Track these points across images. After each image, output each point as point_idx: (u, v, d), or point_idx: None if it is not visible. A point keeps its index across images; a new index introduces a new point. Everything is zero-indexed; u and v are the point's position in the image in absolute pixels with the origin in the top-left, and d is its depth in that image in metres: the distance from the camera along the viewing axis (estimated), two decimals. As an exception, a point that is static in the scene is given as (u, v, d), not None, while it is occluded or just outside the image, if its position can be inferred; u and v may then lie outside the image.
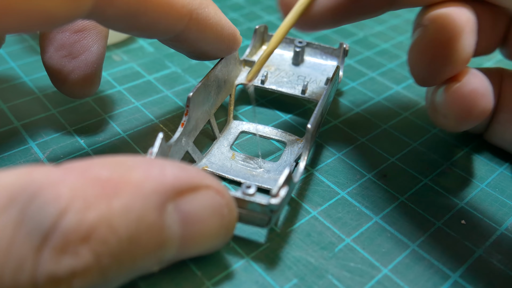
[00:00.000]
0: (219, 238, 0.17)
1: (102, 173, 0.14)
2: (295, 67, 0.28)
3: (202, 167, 0.22)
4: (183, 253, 0.16)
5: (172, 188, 0.15)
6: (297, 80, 0.27)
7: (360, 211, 0.21)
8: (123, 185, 0.14)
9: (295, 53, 0.28)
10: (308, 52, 0.29)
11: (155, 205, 0.14)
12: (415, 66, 0.21)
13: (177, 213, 0.15)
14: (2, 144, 0.23)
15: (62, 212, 0.13)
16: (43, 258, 0.12)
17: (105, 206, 0.13)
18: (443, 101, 0.20)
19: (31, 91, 0.27)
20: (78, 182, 0.13)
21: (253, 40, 0.28)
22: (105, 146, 0.23)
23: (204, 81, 0.22)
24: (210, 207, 0.16)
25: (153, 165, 0.15)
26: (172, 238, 0.15)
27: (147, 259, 0.15)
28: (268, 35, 0.29)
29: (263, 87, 0.26)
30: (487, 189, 0.23)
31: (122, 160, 0.15)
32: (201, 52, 0.23)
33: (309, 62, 0.28)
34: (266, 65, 0.28)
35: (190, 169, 0.16)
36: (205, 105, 0.23)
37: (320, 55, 0.28)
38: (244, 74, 0.27)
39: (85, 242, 0.13)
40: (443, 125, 0.21)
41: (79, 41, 0.22)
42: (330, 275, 0.18)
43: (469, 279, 0.18)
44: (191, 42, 0.21)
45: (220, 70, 0.24)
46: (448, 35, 0.19)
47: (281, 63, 0.28)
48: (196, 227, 0.16)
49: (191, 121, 0.21)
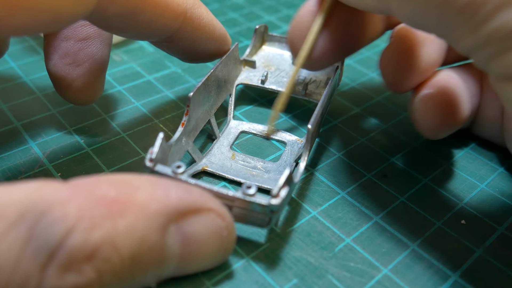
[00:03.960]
0: (216, 258, 0.17)
1: (109, 193, 0.14)
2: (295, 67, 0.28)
3: (202, 167, 0.22)
4: (181, 270, 0.17)
5: (176, 210, 0.15)
6: (297, 80, 0.27)
7: (360, 211, 0.21)
8: (129, 206, 0.14)
9: None
10: None
11: (158, 226, 0.15)
12: (384, 74, 0.22)
13: (178, 234, 0.16)
14: (2, 144, 0.23)
15: (69, 231, 0.13)
16: (47, 275, 0.13)
17: (110, 226, 0.14)
18: (416, 109, 0.22)
19: (31, 91, 0.27)
20: (85, 201, 0.14)
21: (253, 40, 0.28)
22: (105, 146, 0.23)
23: (204, 81, 0.22)
24: (211, 229, 0.16)
25: (159, 186, 0.16)
26: (172, 257, 0.15)
27: (146, 276, 0.15)
28: (268, 35, 0.29)
29: (263, 87, 0.26)
30: (487, 189, 0.23)
31: (129, 180, 0.15)
32: (194, 53, 0.23)
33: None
34: (266, 65, 0.28)
35: (194, 191, 0.16)
36: (205, 105, 0.23)
37: None
38: (244, 74, 0.27)
39: (89, 260, 0.13)
40: (422, 133, 0.22)
41: (83, 49, 0.22)
42: (330, 275, 0.18)
43: (469, 279, 0.18)
44: (185, 41, 0.22)
45: (220, 70, 0.24)
46: (408, 44, 0.21)
47: (281, 63, 0.28)
48: (195, 248, 0.16)
49: (191, 121, 0.21)
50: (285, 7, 0.39)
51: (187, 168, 0.22)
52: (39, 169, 0.22)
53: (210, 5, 0.38)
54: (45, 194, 0.14)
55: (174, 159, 0.20)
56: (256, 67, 0.27)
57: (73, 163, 0.22)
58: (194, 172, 0.22)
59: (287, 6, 0.39)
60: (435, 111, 0.21)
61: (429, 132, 0.22)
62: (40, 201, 0.13)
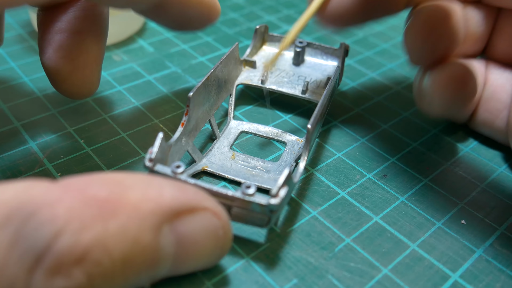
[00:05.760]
0: (212, 258, 0.17)
1: (100, 193, 0.14)
2: (295, 67, 0.28)
3: (202, 167, 0.22)
4: (176, 270, 0.16)
5: (170, 210, 0.15)
6: (298, 80, 0.27)
7: (360, 211, 0.21)
8: (120, 206, 0.14)
9: (295, 53, 0.28)
10: (308, 52, 0.28)
11: (151, 227, 0.14)
12: (410, 46, 0.22)
13: (173, 234, 0.15)
14: (2, 144, 0.23)
15: (57, 234, 0.13)
16: (35, 279, 0.12)
17: (101, 227, 0.13)
18: (430, 84, 0.21)
19: (31, 91, 0.27)
20: (75, 202, 0.13)
21: (253, 40, 0.28)
22: (105, 146, 0.23)
23: (204, 81, 0.22)
24: (206, 229, 0.16)
25: (152, 185, 0.15)
26: (166, 258, 0.15)
27: (139, 278, 0.15)
28: (268, 35, 0.29)
29: (263, 87, 0.26)
30: (487, 189, 0.23)
31: (121, 179, 0.15)
32: (183, 20, 0.22)
33: (310, 62, 0.28)
34: (265, 65, 0.28)
35: (189, 189, 0.16)
36: (205, 105, 0.23)
37: (320, 55, 0.28)
38: (244, 74, 0.27)
39: (79, 264, 0.13)
40: (428, 110, 0.22)
41: (78, 42, 0.21)
42: (330, 275, 0.18)
43: (469, 279, 0.18)
44: (175, 7, 0.21)
45: (220, 70, 0.24)
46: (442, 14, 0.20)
47: (281, 63, 0.28)
48: (190, 248, 0.16)
49: (191, 121, 0.21)
50: (285, 7, 0.39)
51: (186, 168, 0.22)
52: (39, 169, 0.22)
53: (210, 5, 0.38)
54: (34, 194, 0.13)
55: (174, 159, 0.20)
56: (257, 67, 0.27)
57: (73, 163, 0.22)
58: (194, 172, 0.22)
59: (287, 6, 0.39)
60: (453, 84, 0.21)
61: (438, 107, 0.21)
62: (28, 202, 0.13)
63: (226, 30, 0.35)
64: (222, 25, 0.35)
